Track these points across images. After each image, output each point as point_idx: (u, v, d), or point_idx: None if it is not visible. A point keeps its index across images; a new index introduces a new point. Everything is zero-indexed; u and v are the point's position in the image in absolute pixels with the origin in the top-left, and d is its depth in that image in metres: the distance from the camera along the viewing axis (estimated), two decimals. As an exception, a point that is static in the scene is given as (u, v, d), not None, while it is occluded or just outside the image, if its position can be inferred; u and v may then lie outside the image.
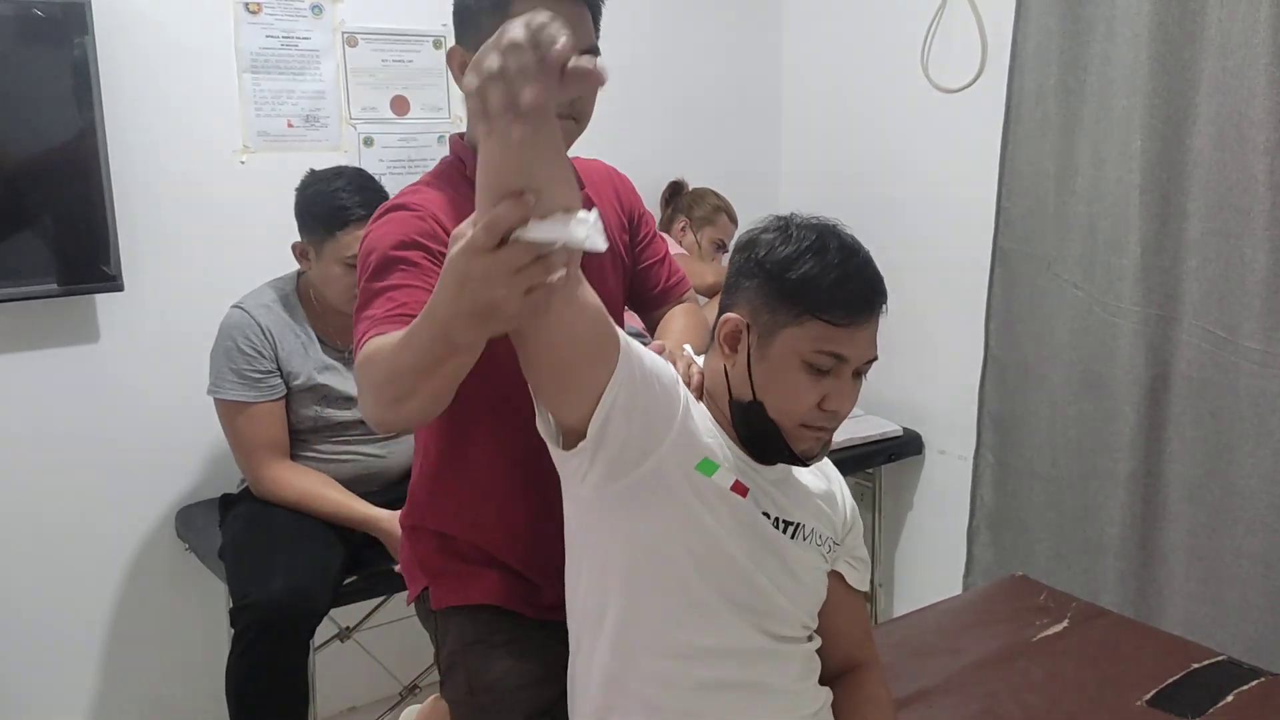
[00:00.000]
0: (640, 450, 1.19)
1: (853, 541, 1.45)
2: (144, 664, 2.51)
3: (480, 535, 1.46)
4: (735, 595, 1.28)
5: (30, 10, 2.11)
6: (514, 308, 0.93)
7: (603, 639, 1.28)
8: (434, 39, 2.67)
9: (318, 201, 2.14)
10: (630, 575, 1.25)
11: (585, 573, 1.29)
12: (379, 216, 1.37)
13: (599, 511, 1.25)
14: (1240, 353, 2.12)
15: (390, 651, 2.63)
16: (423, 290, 1.23)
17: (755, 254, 1.28)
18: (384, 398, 1.14)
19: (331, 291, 2.17)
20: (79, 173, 2.20)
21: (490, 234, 0.90)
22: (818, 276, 1.23)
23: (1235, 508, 2.17)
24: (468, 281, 0.92)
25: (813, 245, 1.25)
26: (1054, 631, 1.86)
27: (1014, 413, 2.63)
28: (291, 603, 1.95)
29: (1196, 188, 2.17)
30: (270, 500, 2.16)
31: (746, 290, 1.28)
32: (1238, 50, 2.06)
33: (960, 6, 2.70)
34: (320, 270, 2.16)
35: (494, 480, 1.44)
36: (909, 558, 3.11)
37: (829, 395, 1.25)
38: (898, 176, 2.94)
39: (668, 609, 1.26)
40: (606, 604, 1.27)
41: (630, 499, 1.21)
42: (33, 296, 2.19)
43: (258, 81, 2.45)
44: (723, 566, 1.26)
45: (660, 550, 1.24)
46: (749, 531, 1.29)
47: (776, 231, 1.28)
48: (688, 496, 1.23)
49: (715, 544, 1.26)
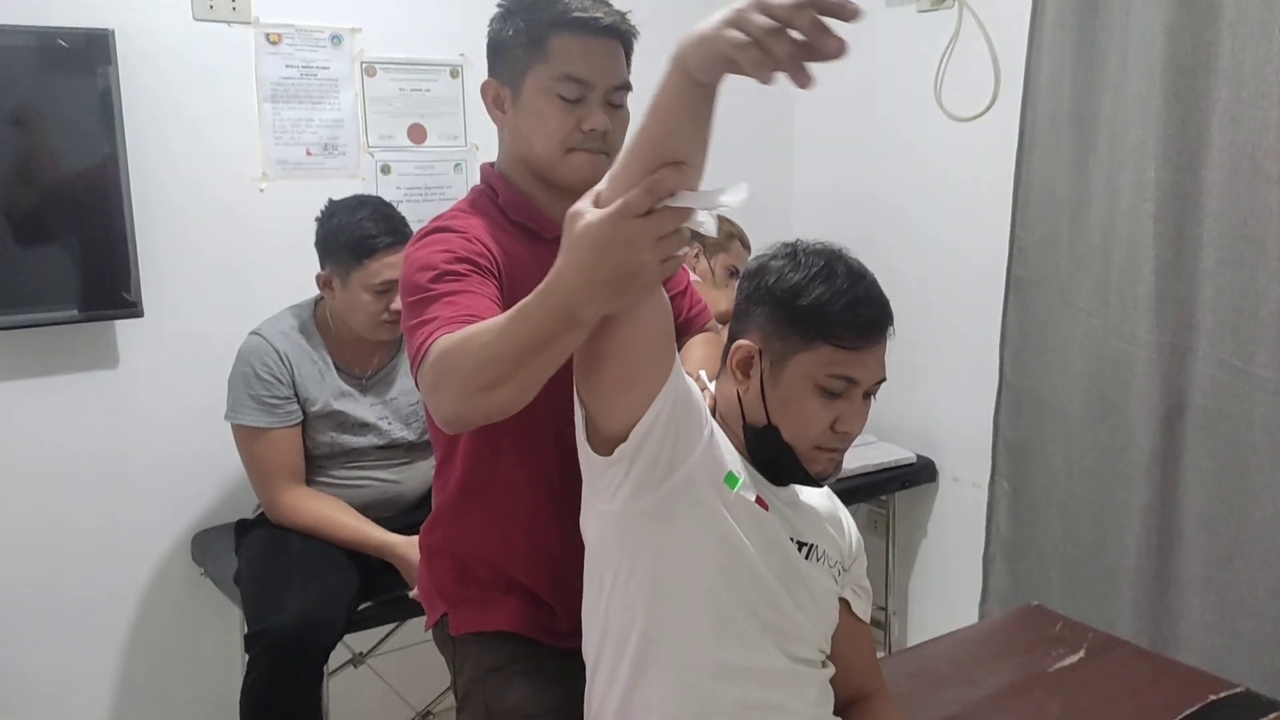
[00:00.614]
0: (671, 462, 1.19)
1: (858, 571, 1.47)
2: (159, 688, 2.51)
3: (505, 558, 1.46)
4: (760, 612, 1.28)
5: (55, 41, 2.14)
6: (653, 276, 0.99)
7: (625, 659, 1.27)
8: (451, 68, 2.70)
9: (344, 231, 2.16)
10: (657, 591, 1.25)
11: (608, 592, 1.29)
12: (423, 237, 1.37)
13: (628, 527, 1.25)
14: (1255, 382, 2.12)
15: (404, 677, 2.63)
16: (484, 299, 1.25)
17: (765, 281, 1.29)
18: (473, 385, 1.11)
19: (359, 319, 2.18)
20: (100, 200, 2.23)
21: (649, 197, 0.95)
22: (828, 302, 1.25)
23: (1251, 538, 2.15)
24: (610, 247, 0.96)
25: (821, 271, 1.27)
26: (1070, 662, 1.85)
27: (1029, 441, 2.63)
28: (306, 629, 1.96)
29: (1210, 217, 2.17)
30: (286, 526, 2.16)
31: (757, 317, 1.29)
32: (1251, 81, 2.07)
33: (973, 35, 2.72)
34: (347, 298, 2.17)
35: (522, 503, 1.44)
36: (923, 586, 3.10)
37: (841, 417, 1.27)
38: (911, 204, 2.95)
39: (694, 625, 1.26)
40: (631, 622, 1.27)
41: (660, 512, 1.22)
42: (54, 322, 2.22)
43: (277, 110, 2.48)
44: (750, 581, 1.27)
45: (690, 564, 1.24)
46: (774, 547, 1.29)
47: (785, 258, 1.30)
48: (717, 507, 1.24)
49: (743, 558, 1.26)
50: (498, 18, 1.42)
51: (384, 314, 2.15)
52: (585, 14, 1.34)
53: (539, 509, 1.44)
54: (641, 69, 1.41)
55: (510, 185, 1.44)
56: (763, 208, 3.22)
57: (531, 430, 1.38)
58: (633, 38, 1.42)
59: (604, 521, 1.27)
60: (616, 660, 1.29)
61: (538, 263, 1.39)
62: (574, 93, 1.35)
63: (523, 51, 1.36)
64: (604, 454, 1.20)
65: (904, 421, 2.95)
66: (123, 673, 2.47)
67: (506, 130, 1.44)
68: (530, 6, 1.37)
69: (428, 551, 1.55)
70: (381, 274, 2.12)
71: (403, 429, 2.28)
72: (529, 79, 1.37)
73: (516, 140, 1.42)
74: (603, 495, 1.24)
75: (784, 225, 3.25)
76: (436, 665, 1.58)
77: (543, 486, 1.43)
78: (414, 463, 2.31)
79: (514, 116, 1.41)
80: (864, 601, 1.47)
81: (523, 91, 1.38)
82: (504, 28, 1.40)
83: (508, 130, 1.44)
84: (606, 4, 1.39)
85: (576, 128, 1.36)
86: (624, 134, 1.42)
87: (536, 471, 1.43)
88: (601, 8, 1.37)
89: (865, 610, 1.47)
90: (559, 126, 1.36)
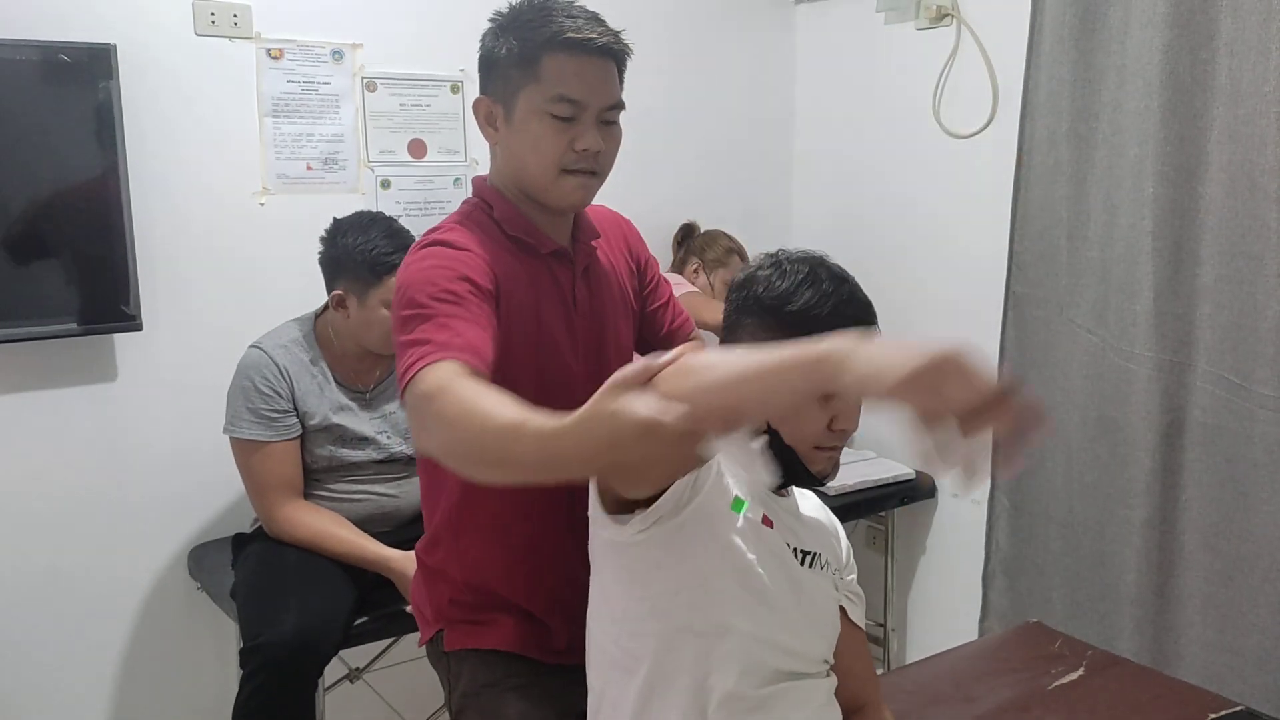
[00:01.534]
0: (679, 500, 1.21)
1: (850, 579, 1.49)
2: (154, 702, 2.50)
3: (503, 581, 1.45)
4: (772, 635, 1.29)
5: (57, 55, 2.15)
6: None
7: (633, 685, 1.27)
8: (451, 83, 2.71)
9: (359, 250, 2.16)
10: (669, 616, 1.25)
11: (619, 618, 1.29)
12: (419, 249, 1.36)
13: (639, 556, 1.25)
14: (1254, 399, 2.12)
15: (399, 693, 2.62)
16: (479, 327, 1.23)
17: (753, 291, 1.32)
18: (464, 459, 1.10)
19: (374, 335, 2.18)
20: (100, 213, 2.23)
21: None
22: (814, 306, 1.28)
23: (1252, 555, 2.15)
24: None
25: (806, 278, 1.30)
26: (1069, 680, 1.84)
27: (1028, 457, 2.62)
28: (302, 643, 1.95)
29: (1209, 234, 2.17)
30: (283, 539, 2.16)
31: (749, 326, 1.32)
32: (1249, 99, 2.08)
33: (972, 53, 2.73)
34: (364, 315, 2.18)
35: (521, 527, 1.44)
36: (922, 602, 3.09)
37: (837, 416, 1.29)
38: (909, 221, 2.95)
39: (704, 648, 1.26)
40: (642, 650, 1.27)
41: (674, 540, 1.22)
42: (52, 336, 2.22)
43: (278, 125, 2.49)
44: (760, 601, 1.28)
45: (703, 587, 1.25)
46: (779, 564, 1.31)
47: (771, 268, 1.33)
48: (728, 534, 1.26)
49: (754, 579, 1.27)
50: (490, 34, 1.41)
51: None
52: (579, 35, 1.34)
53: (539, 531, 1.43)
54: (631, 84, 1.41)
55: (505, 200, 1.44)
56: (763, 224, 3.24)
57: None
58: (626, 56, 1.41)
59: (616, 550, 1.28)
60: (623, 687, 1.29)
61: (531, 279, 1.39)
62: (567, 112, 1.34)
63: (515, 71, 1.36)
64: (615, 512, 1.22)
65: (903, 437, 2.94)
66: (118, 686, 2.46)
67: (499, 148, 1.44)
68: (523, 24, 1.36)
69: (426, 567, 1.55)
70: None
71: (401, 444, 2.27)
72: (521, 98, 1.36)
73: (509, 159, 1.42)
74: (611, 527, 1.25)
75: (784, 242, 3.19)
76: (432, 681, 1.58)
77: (543, 507, 1.42)
78: (412, 477, 2.31)
79: (506, 135, 1.40)
80: (858, 607, 1.49)
81: (515, 110, 1.37)
82: (496, 45, 1.38)
83: (500, 148, 1.43)
84: (600, 22, 1.39)
85: (569, 148, 1.36)
86: (615, 152, 1.42)
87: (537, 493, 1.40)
88: (595, 27, 1.36)
89: (860, 615, 1.49)
90: (552, 147, 1.36)
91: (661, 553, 1.23)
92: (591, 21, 1.37)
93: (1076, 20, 2.39)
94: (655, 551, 1.23)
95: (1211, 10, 2.14)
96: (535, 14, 1.36)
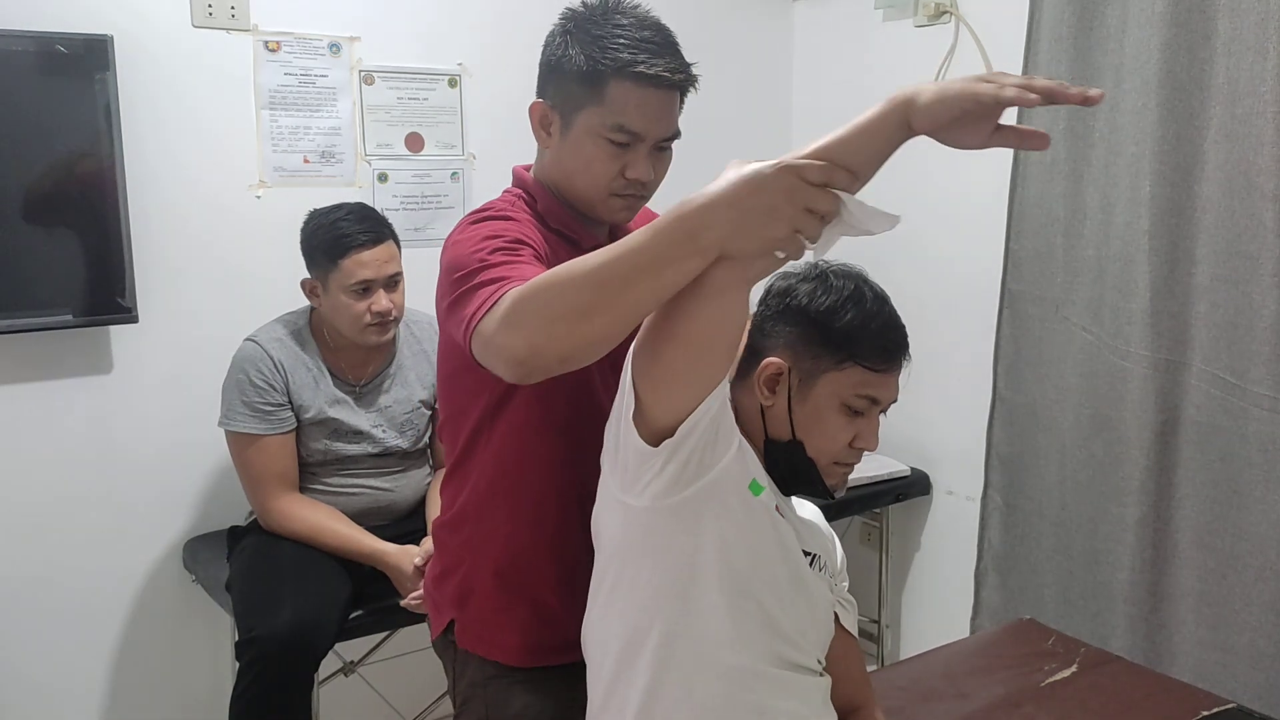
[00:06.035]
0: (705, 463, 1.21)
1: (844, 586, 1.50)
2: (149, 695, 2.50)
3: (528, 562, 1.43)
4: (776, 618, 1.29)
5: (54, 46, 2.15)
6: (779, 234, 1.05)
7: (640, 661, 1.27)
8: (449, 77, 2.70)
9: (319, 233, 2.16)
10: (678, 593, 1.25)
11: (624, 591, 1.28)
12: (469, 223, 1.35)
13: (652, 526, 1.24)
14: (1249, 398, 2.12)
15: (395, 686, 2.62)
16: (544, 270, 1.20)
17: (795, 301, 1.33)
18: (568, 308, 1.08)
19: (343, 321, 2.17)
20: (97, 205, 2.23)
21: (823, 175, 1.06)
22: (860, 325, 1.30)
23: (1245, 553, 2.15)
24: (766, 187, 1.03)
25: (852, 295, 1.32)
26: (1062, 677, 1.85)
27: (1022, 455, 2.63)
28: (297, 637, 1.95)
29: (1205, 234, 2.18)
30: (278, 533, 2.16)
31: (787, 335, 1.32)
32: (1245, 98, 2.08)
33: (969, 50, 2.73)
34: (330, 302, 2.17)
35: (547, 511, 1.42)
36: (916, 599, 3.10)
37: (859, 434, 1.33)
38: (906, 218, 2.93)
39: (714, 628, 1.26)
40: (647, 624, 1.26)
41: (687, 512, 1.22)
42: (48, 327, 2.22)
43: (275, 118, 2.48)
44: (768, 586, 1.28)
45: (713, 565, 1.24)
46: (789, 555, 1.31)
47: (815, 280, 1.34)
48: (742, 512, 1.26)
49: (765, 562, 1.28)
50: (557, 34, 1.37)
51: (366, 315, 2.14)
52: (650, 70, 1.31)
53: (567, 518, 1.42)
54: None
55: (549, 195, 1.42)
56: (759, 220, 3.23)
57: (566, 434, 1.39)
58: (691, 87, 1.39)
59: (628, 518, 1.26)
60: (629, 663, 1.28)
61: None
62: (624, 139, 1.33)
63: (579, 87, 1.33)
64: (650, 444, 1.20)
65: (898, 434, 2.94)
66: (113, 679, 2.46)
67: (549, 153, 1.41)
68: (592, 39, 1.32)
69: (446, 554, 1.51)
70: (356, 273, 2.11)
71: (397, 437, 2.27)
72: (581, 117, 1.34)
73: (558, 167, 1.40)
74: (632, 489, 1.23)
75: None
76: (428, 674, 1.58)
77: (573, 495, 1.41)
78: (407, 471, 2.31)
79: (560, 146, 1.38)
80: (851, 614, 1.49)
81: (573, 126, 1.35)
82: (564, 53, 1.35)
83: (550, 154, 1.41)
84: (673, 50, 1.35)
85: (620, 174, 1.35)
86: (664, 176, 1.41)
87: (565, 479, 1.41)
88: (667, 61, 1.33)
89: (852, 623, 1.50)
90: (604, 172, 1.34)
91: (673, 524, 1.23)
92: (662, 49, 1.33)
93: (1074, 18, 2.39)
94: (667, 521, 1.23)
95: (1209, 10, 2.14)
96: (604, 26, 1.33)
